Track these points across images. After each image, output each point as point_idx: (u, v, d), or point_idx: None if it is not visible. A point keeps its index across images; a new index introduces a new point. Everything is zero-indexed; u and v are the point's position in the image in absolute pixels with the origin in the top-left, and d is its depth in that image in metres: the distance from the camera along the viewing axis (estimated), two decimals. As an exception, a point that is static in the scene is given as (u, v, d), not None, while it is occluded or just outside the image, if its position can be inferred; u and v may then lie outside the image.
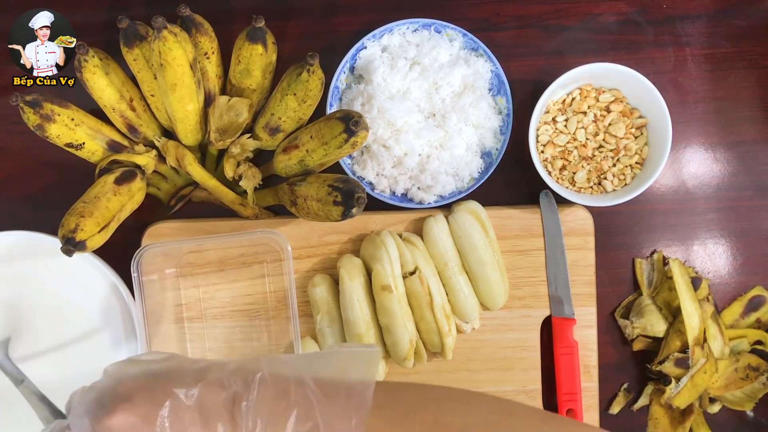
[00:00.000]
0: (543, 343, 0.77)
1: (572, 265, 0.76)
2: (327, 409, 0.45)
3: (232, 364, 0.46)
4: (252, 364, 0.46)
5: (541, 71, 0.79)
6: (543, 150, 0.76)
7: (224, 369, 0.46)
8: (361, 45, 0.75)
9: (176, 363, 0.47)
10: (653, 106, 0.73)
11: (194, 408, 0.44)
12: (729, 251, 0.80)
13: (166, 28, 0.62)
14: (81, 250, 0.66)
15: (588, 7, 0.79)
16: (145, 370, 0.46)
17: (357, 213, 0.66)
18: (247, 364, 0.46)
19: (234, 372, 0.46)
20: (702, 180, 0.80)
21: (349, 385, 0.46)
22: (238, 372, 0.46)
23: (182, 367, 0.46)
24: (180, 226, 0.76)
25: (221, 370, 0.46)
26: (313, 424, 0.44)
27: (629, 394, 0.79)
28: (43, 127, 0.69)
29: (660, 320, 0.76)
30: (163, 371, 0.46)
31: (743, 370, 0.75)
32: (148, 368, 0.46)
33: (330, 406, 0.45)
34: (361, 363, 0.47)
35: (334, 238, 0.76)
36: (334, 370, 0.47)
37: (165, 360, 0.48)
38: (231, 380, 0.45)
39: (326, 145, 0.68)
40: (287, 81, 0.70)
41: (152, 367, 0.46)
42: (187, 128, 0.72)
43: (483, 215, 0.74)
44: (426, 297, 0.72)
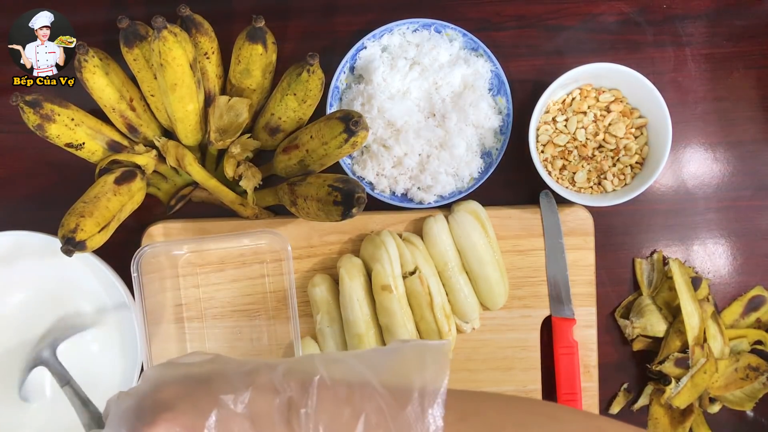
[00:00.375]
0: (543, 343, 0.77)
1: (572, 265, 0.76)
2: (399, 415, 0.40)
3: (283, 364, 0.42)
4: (306, 365, 0.42)
5: (541, 71, 0.79)
6: (543, 150, 0.76)
7: (275, 371, 0.41)
8: (361, 45, 0.75)
9: (221, 365, 0.43)
10: (653, 106, 0.73)
11: (244, 416, 0.39)
12: (729, 251, 0.80)
13: (166, 28, 0.62)
14: (81, 250, 0.66)
15: (588, 7, 0.79)
16: (187, 374, 0.42)
17: (357, 213, 0.66)
18: (300, 364, 0.42)
19: (287, 374, 0.41)
20: (702, 180, 0.80)
21: (421, 386, 0.40)
22: (292, 374, 0.41)
23: (228, 369, 0.42)
24: (180, 226, 0.76)
25: (272, 372, 0.41)
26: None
27: (629, 394, 0.79)
28: (43, 127, 0.69)
29: (660, 320, 0.76)
30: (208, 375, 0.41)
31: (743, 370, 0.75)
32: (190, 372, 0.42)
33: (402, 412, 0.40)
34: (431, 358, 0.42)
35: (334, 238, 0.76)
36: (401, 369, 0.42)
37: (209, 362, 0.43)
38: (285, 384, 0.41)
39: (326, 145, 0.68)
40: (287, 81, 0.70)
41: (195, 370, 0.42)
42: (187, 128, 0.72)
43: (483, 215, 0.74)
44: (426, 297, 0.72)
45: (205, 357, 0.44)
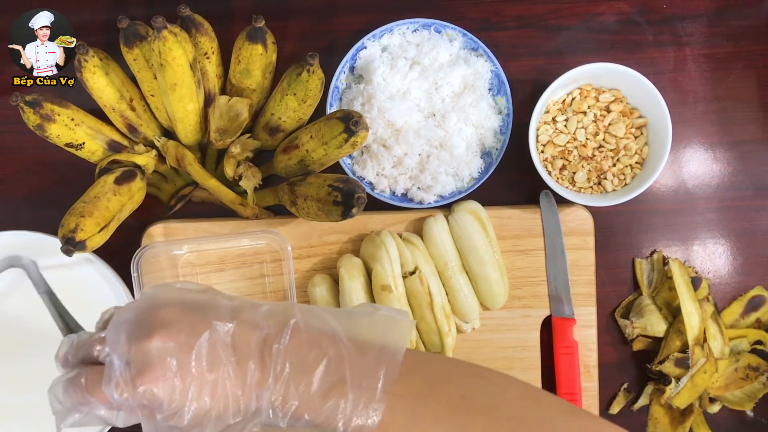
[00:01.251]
0: (543, 343, 0.77)
1: (572, 265, 0.76)
2: (357, 364, 0.45)
3: (266, 306, 0.47)
4: (286, 310, 0.46)
5: (541, 71, 0.79)
6: (543, 150, 0.76)
7: (258, 310, 0.46)
8: (361, 45, 0.75)
9: (212, 296, 0.47)
10: (653, 106, 0.73)
11: (229, 344, 0.44)
12: (729, 251, 0.80)
13: (166, 28, 0.62)
14: (81, 250, 0.66)
15: (588, 7, 0.79)
16: (183, 298, 0.46)
17: (357, 213, 0.66)
18: (281, 308, 0.47)
19: (268, 315, 0.46)
20: (702, 180, 0.80)
21: (382, 346, 0.46)
22: (272, 315, 0.46)
23: (218, 301, 0.46)
24: (180, 226, 0.76)
25: (255, 311, 0.46)
26: (340, 378, 0.44)
27: (629, 394, 0.79)
28: (43, 127, 0.69)
29: (660, 320, 0.76)
30: (203, 302, 0.46)
31: (743, 370, 0.75)
32: (186, 297, 0.46)
33: (360, 362, 0.45)
34: (396, 328, 0.47)
35: (334, 238, 0.76)
36: (368, 330, 0.47)
37: (202, 292, 0.48)
38: (265, 322, 0.45)
39: (326, 145, 0.68)
40: (287, 81, 0.70)
41: (190, 296, 0.47)
42: (187, 128, 0.72)
43: (483, 215, 0.74)
44: (426, 297, 0.72)
45: (199, 287, 0.48)
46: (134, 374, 0.42)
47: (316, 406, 0.44)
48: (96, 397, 0.44)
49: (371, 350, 0.46)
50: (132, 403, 0.43)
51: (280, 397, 0.44)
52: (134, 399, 0.43)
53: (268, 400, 0.44)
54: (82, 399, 0.44)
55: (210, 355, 0.44)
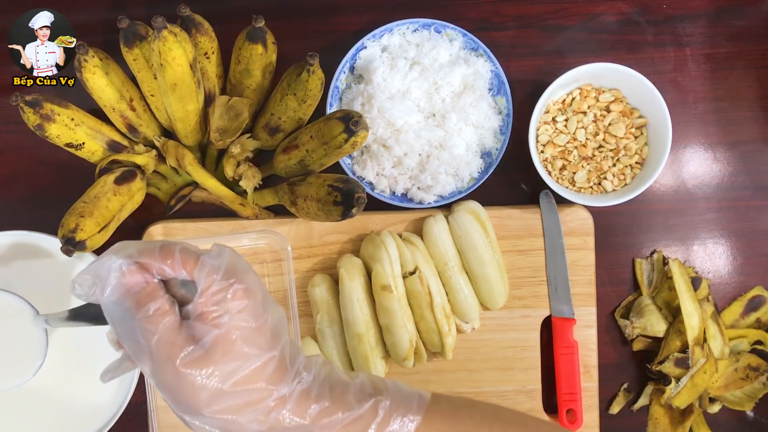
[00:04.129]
0: (543, 343, 0.77)
1: (572, 265, 0.76)
2: (393, 387, 0.47)
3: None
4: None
5: (541, 71, 0.79)
6: (543, 150, 0.76)
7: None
8: (361, 45, 0.75)
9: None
10: (653, 106, 0.73)
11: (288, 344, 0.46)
12: (729, 251, 0.80)
13: (166, 28, 0.62)
14: (81, 250, 0.66)
15: (588, 7, 0.79)
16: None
17: (357, 213, 0.66)
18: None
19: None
20: (702, 180, 0.80)
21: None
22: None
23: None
24: (180, 226, 0.76)
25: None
26: (378, 390, 0.46)
27: (629, 394, 0.79)
28: (43, 127, 0.69)
29: (660, 320, 0.76)
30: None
31: (743, 370, 0.75)
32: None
33: (395, 386, 0.47)
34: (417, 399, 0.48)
35: (334, 238, 0.76)
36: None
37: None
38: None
39: (326, 145, 0.68)
40: (287, 81, 0.70)
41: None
42: (187, 128, 0.72)
43: (483, 215, 0.74)
44: (426, 297, 0.72)
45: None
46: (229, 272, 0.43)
47: (350, 405, 0.44)
48: (176, 268, 0.44)
49: (404, 385, 0.48)
50: (214, 288, 0.43)
51: (315, 391, 0.45)
52: (219, 286, 0.43)
53: (298, 389, 0.44)
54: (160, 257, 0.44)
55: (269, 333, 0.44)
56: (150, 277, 0.44)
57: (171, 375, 0.42)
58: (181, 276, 0.45)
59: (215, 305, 0.43)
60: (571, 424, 0.75)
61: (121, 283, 0.43)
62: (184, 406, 0.43)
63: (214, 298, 0.43)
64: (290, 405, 0.44)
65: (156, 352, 0.42)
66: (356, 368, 0.74)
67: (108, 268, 0.44)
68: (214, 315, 0.43)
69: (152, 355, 0.42)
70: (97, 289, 0.44)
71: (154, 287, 0.44)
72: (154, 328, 0.43)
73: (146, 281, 0.44)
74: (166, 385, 0.43)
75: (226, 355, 0.42)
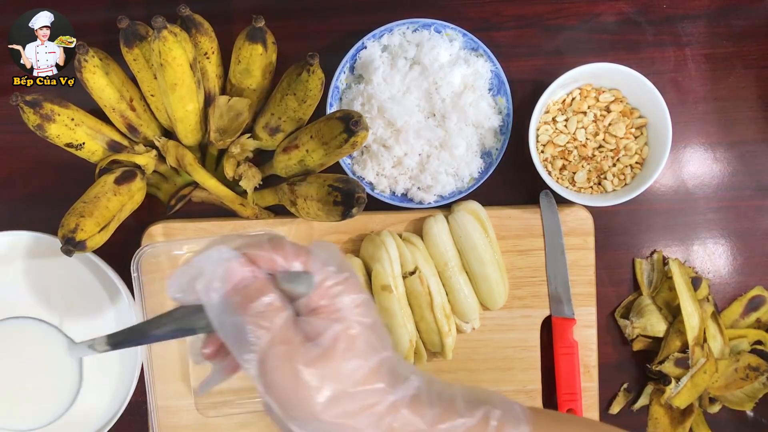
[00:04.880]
0: (543, 343, 0.77)
1: (572, 265, 0.76)
2: (498, 399, 0.44)
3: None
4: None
5: (541, 71, 0.79)
6: (543, 150, 0.76)
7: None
8: (361, 45, 0.75)
9: None
10: (653, 106, 0.73)
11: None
12: (729, 251, 0.80)
13: (166, 28, 0.62)
14: (81, 250, 0.66)
15: (588, 7, 0.79)
16: None
17: (357, 213, 0.66)
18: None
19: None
20: (702, 180, 0.80)
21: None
22: None
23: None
24: (180, 226, 0.76)
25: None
26: (484, 401, 0.43)
27: (629, 394, 0.79)
28: (43, 127, 0.69)
29: (660, 320, 0.76)
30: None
31: (743, 370, 0.75)
32: None
33: (501, 398, 0.44)
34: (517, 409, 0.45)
35: (334, 238, 0.76)
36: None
37: None
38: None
39: (326, 145, 0.68)
40: (287, 81, 0.70)
41: None
42: (187, 128, 0.72)
43: (483, 215, 0.74)
44: (426, 297, 0.72)
45: None
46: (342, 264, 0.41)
47: (462, 412, 0.42)
48: (289, 258, 0.41)
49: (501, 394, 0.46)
50: (331, 282, 0.40)
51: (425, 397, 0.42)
52: (335, 279, 0.40)
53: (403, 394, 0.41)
54: (271, 249, 0.41)
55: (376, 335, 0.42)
56: (258, 271, 0.40)
57: (286, 376, 0.38)
58: (293, 268, 0.41)
59: (332, 299, 0.40)
60: (571, 424, 0.76)
61: (228, 277, 0.39)
62: (298, 411, 0.39)
63: (331, 291, 0.40)
64: (405, 409, 0.40)
65: (269, 352, 0.38)
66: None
67: (214, 260, 0.40)
68: (331, 309, 0.40)
69: (265, 355, 0.38)
70: (199, 285, 0.40)
71: (264, 281, 0.40)
72: (267, 325, 0.38)
73: (254, 274, 0.40)
74: (279, 388, 0.39)
75: (347, 352, 0.39)
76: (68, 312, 0.75)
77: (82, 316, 0.75)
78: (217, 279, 0.39)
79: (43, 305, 0.75)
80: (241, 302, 0.39)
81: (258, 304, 0.39)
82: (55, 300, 0.75)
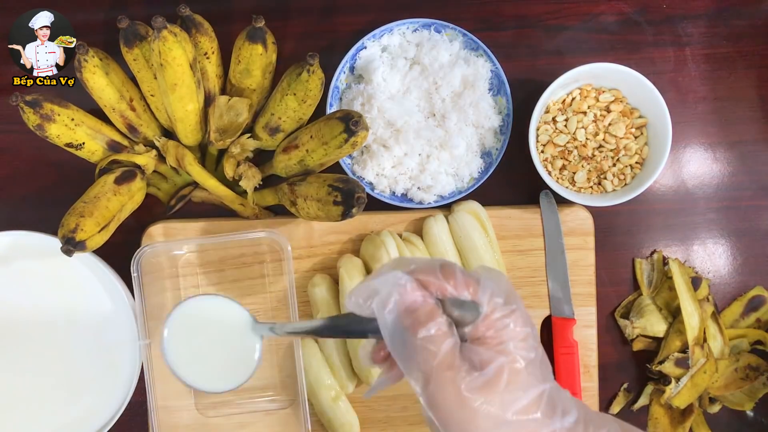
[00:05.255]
0: (543, 343, 0.77)
1: (572, 265, 0.76)
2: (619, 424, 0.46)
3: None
4: None
5: (541, 71, 0.79)
6: (543, 150, 0.76)
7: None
8: (361, 45, 0.75)
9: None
10: (653, 106, 0.73)
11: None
12: (729, 251, 0.80)
13: (166, 28, 0.62)
14: (81, 250, 0.66)
15: (588, 7, 0.79)
16: None
17: (357, 213, 0.66)
18: None
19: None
20: (702, 180, 0.80)
21: None
22: None
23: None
24: (180, 226, 0.76)
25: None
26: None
27: (629, 394, 0.79)
28: (43, 127, 0.69)
29: (660, 320, 0.76)
30: None
31: (743, 370, 0.75)
32: None
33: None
34: None
35: (334, 238, 0.76)
36: None
37: None
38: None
39: (326, 145, 0.68)
40: (287, 81, 0.70)
41: None
42: (187, 128, 0.72)
43: (483, 215, 0.74)
44: (426, 297, 0.72)
45: None
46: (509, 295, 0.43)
47: None
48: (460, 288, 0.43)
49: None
50: (498, 314, 0.43)
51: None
52: (503, 312, 0.43)
53: None
54: (442, 277, 0.43)
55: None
56: (429, 296, 0.43)
57: (451, 398, 0.41)
58: (462, 297, 0.44)
59: (498, 331, 0.43)
60: (571, 424, 0.76)
61: (402, 300, 0.43)
62: (457, 431, 0.42)
63: (498, 324, 0.43)
64: None
65: (436, 374, 0.42)
66: (356, 369, 0.74)
67: (390, 283, 0.43)
68: (497, 341, 0.43)
69: (431, 376, 0.42)
70: (374, 303, 0.44)
71: (433, 306, 0.43)
72: (435, 349, 0.42)
73: (425, 299, 0.43)
74: (442, 409, 0.42)
75: (510, 384, 0.42)
76: (68, 312, 0.75)
77: (83, 316, 0.75)
78: (391, 301, 0.43)
79: (43, 305, 0.75)
80: (411, 324, 0.42)
81: (427, 328, 0.42)
82: (55, 300, 0.75)
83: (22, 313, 0.75)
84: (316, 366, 0.73)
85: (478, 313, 0.43)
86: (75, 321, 0.75)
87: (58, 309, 0.75)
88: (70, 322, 0.75)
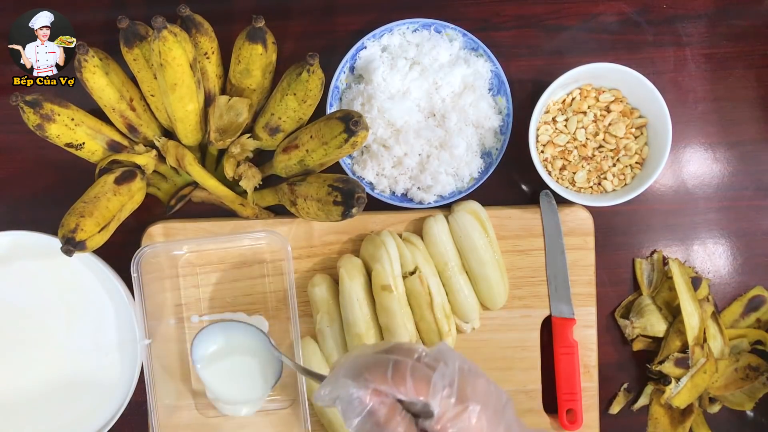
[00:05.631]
0: (543, 343, 0.77)
1: (572, 265, 0.76)
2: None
3: None
4: None
5: (541, 71, 0.79)
6: (543, 150, 0.76)
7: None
8: (361, 45, 0.75)
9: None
10: (653, 106, 0.73)
11: None
12: (729, 251, 0.80)
13: (166, 28, 0.62)
14: (81, 250, 0.66)
15: (588, 7, 0.79)
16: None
17: (357, 213, 0.66)
18: None
19: None
20: (702, 180, 0.80)
21: None
22: None
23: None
24: (180, 226, 0.76)
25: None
26: None
27: (629, 394, 0.79)
28: (43, 127, 0.69)
29: (660, 320, 0.76)
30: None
31: (743, 370, 0.75)
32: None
33: None
34: None
35: (334, 238, 0.76)
36: None
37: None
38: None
39: (326, 145, 0.68)
40: (287, 81, 0.70)
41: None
42: (187, 128, 0.72)
43: (483, 215, 0.74)
44: (426, 297, 0.72)
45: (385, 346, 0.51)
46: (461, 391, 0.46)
47: None
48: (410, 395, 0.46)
49: None
50: (450, 414, 0.46)
51: None
52: (454, 412, 0.46)
53: None
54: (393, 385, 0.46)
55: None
56: (386, 398, 0.47)
57: None
58: (414, 401, 0.46)
59: (453, 428, 0.46)
60: (571, 424, 0.76)
61: (360, 408, 0.46)
62: None
63: (453, 422, 0.46)
64: None
65: None
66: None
67: (347, 396, 0.47)
68: None
69: None
70: (338, 407, 0.47)
71: (392, 406, 0.46)
72: None
73: (382, 402, 0.46)
74: None
75: None
76: (68, 312, 0.75)
77: (83, 316, 0.75)
78: (353, 414, 0.47)
79: (43, 305, 0.75)
80: (373, 428, 0.46)
81: (388, 430, 0.46)
82: (55, 300, 0.75)
83: (22, 314, 0.75)
84: (316, 366, 0.73)
85: (432, 413, 0.46)
86: (75, 321, 0.75)
87: (58, 309, 0.75)
88: (70, 323, 0.75)
